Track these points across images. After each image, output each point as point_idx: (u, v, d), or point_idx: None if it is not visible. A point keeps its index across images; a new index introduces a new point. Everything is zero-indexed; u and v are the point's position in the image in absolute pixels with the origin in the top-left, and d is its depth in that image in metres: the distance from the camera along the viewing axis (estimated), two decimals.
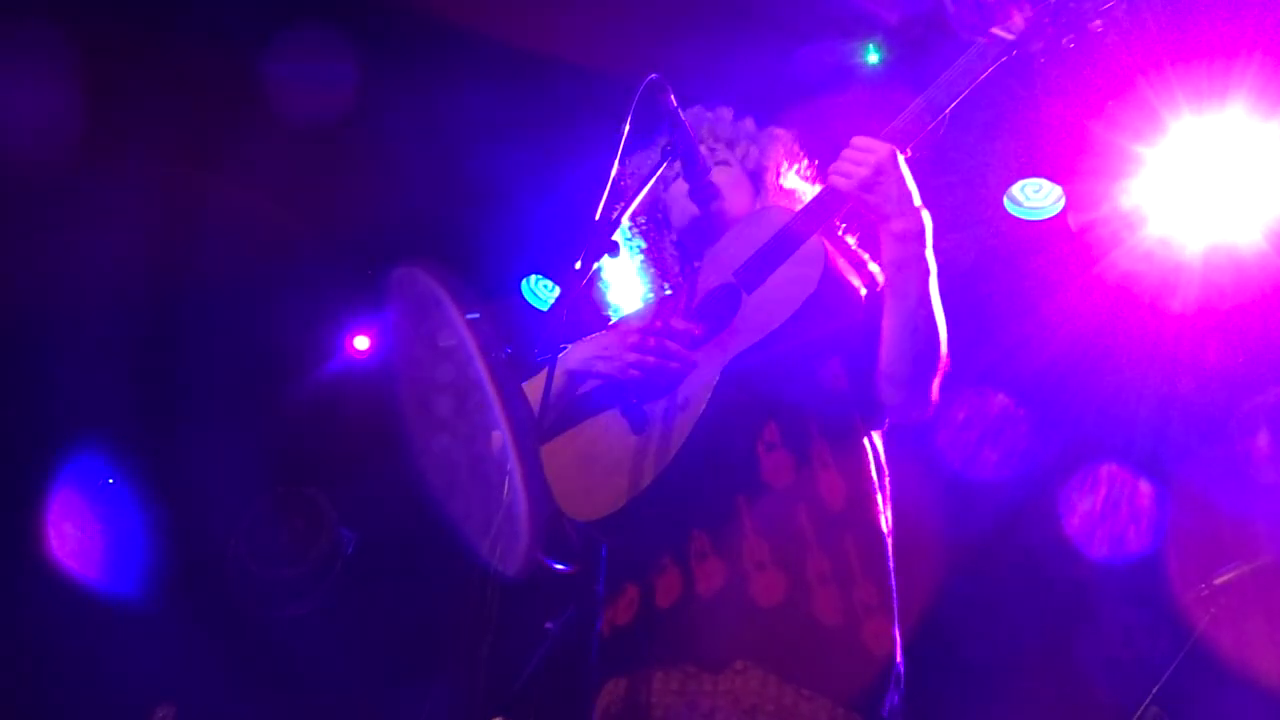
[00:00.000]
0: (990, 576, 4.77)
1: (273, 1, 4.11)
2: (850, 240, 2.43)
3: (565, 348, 2.26)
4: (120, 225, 4.64)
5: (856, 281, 2.29)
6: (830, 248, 2.26)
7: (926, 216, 2.16)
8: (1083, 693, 4.47)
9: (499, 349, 2.35)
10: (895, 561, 2.22)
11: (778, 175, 2.54)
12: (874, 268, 2.37)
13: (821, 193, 2.25)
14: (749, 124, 2.56)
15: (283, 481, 5.61)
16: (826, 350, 2.23)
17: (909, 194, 2.15)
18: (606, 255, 2.11)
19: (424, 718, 4.71)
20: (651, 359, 2.20)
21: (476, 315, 5.35)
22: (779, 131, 2.57)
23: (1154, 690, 3.43)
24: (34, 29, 3.97)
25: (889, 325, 2.16)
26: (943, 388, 2.25)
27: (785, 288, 2.18)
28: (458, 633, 4.85)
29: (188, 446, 5.26)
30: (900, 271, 2.15)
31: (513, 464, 2.10)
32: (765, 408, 2.18)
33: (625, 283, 2.58)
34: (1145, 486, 4.73)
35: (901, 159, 2.17)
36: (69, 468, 5.24)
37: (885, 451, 2.34)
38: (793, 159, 2.57)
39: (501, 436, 2.19)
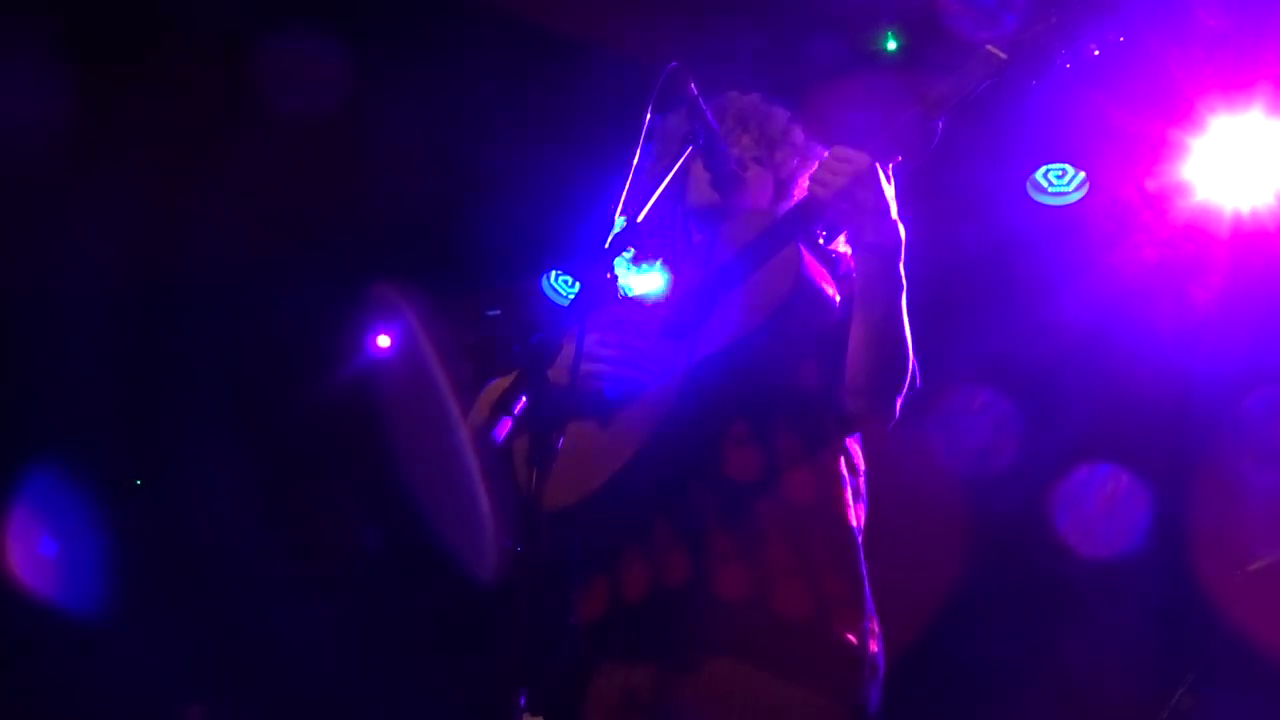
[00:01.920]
0: (1002, 570, 4.75)
1: None
2: (841, 247, 2.43)
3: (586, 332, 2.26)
4: (121, 224, 4.65)
5: (832, 291, 2.29)
6: (807, 256, 2.26)
7: (901, 231, 2.16)
8: (1077, 692, 4.45)
9: (525, 339, 2.35)
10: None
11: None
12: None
13: (803, 200, 2.25)
14: (798, 134, 2.54)
15: (305, 481, 5.62)
16: (799, 354, 2.23)
17: (885, 207, 2.14)
18: (629, 247, 2.11)
19: (451, 715, 4.72)
20: (609, 369, 2.21)
21: (497, 312, 5.38)
22: (820, 149, 2.54)
23: (1187, 679, 3.40)
24: (26, 28, 3.97)
25: (855, 336, 2.17)
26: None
27: (758, 293, 2.19)
28: (485, 631, 4.87)
29: (205, 449, 5.27)
30: (869, 284, 2.15)
31: (479, 483, 2.12)
32: (733, 406, 2.19)
33: (642, 272, 2.57)
34: (1141, 484, 4.71)
35: (882, 173, 2.15)
36: (39, 480, 5.26)
37: (870, 450, 2.35)
38: None
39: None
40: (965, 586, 4.61)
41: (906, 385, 2.21)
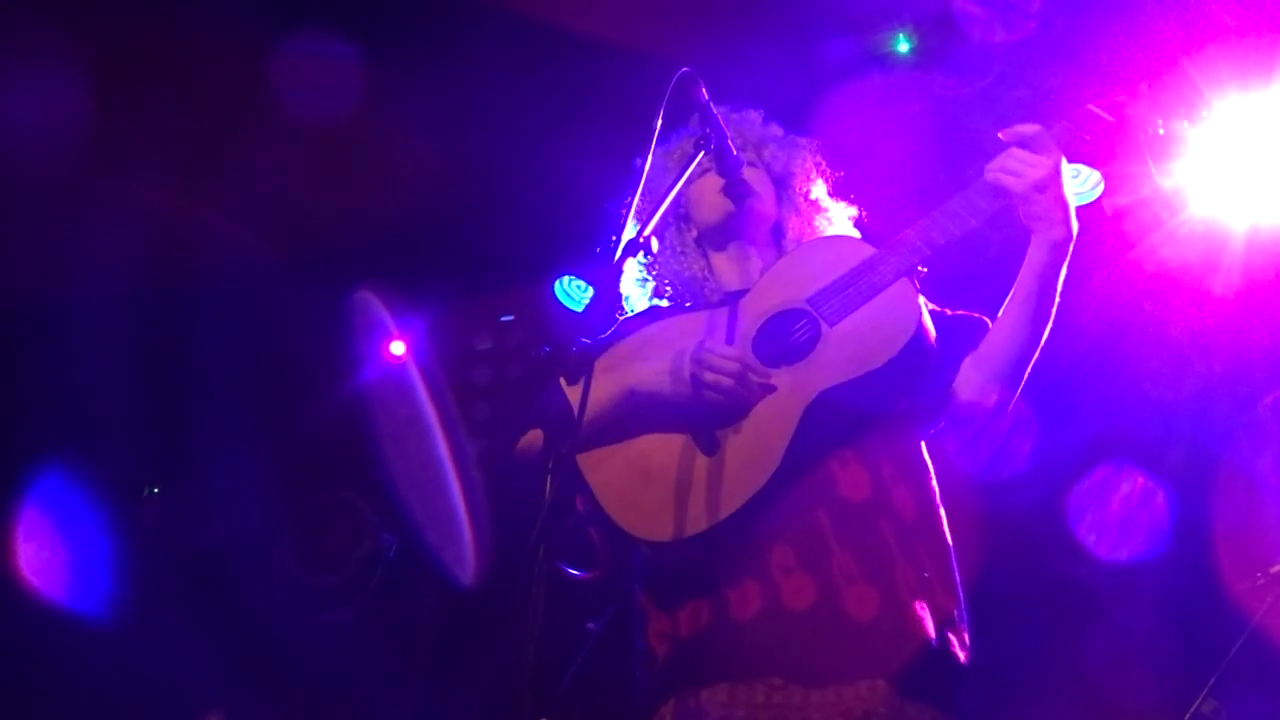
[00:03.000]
0: (1019, 573, 4.72)
1: (281, 2, 4.10)
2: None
3: (603, 341, 2.24)
4: (137, 227, 4.65)
5: (932, 328, 2.31)
6: (922, 297, 2.28)
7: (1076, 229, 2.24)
8: (1097, 696, 4.42)
9: (536, 348, 2.34)
10: None
11: (805, 183, 2.54)
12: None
13: (973, 190, 2.25)
14: (775, 129, 2.57)
15: (324, 487, 5.63)
16: (904, 381, 2.24)
17: (1069, 204, 2.23)
18: (641, 252, 2.10)
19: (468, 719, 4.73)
20: (732, 384, 2.16)
21: (511, 318, 5.38)
22: (802, 141, 2.58)
23: (1211, 682, 3.38)
24: (42, 32, 3.99)
25: (1015, 332, 2.24)
26: None
27: (882, 328, 2.18)
28: (501, 636, 4.87)
29: (223, 453, 5.28)
30: (1045, 275, 2.23)
31: (456, 487, 2.12)
32: (846, 436, 2.20)
33: (643, 280, 2.57)
34: (1159, 486, 4.68)
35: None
36: (46, 483, 5.27)
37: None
38: (818, 171, 2.58)
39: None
40: (982, 589, 4.57)
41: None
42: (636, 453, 2.21)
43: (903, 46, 4.19)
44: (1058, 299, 2.24)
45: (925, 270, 2.37)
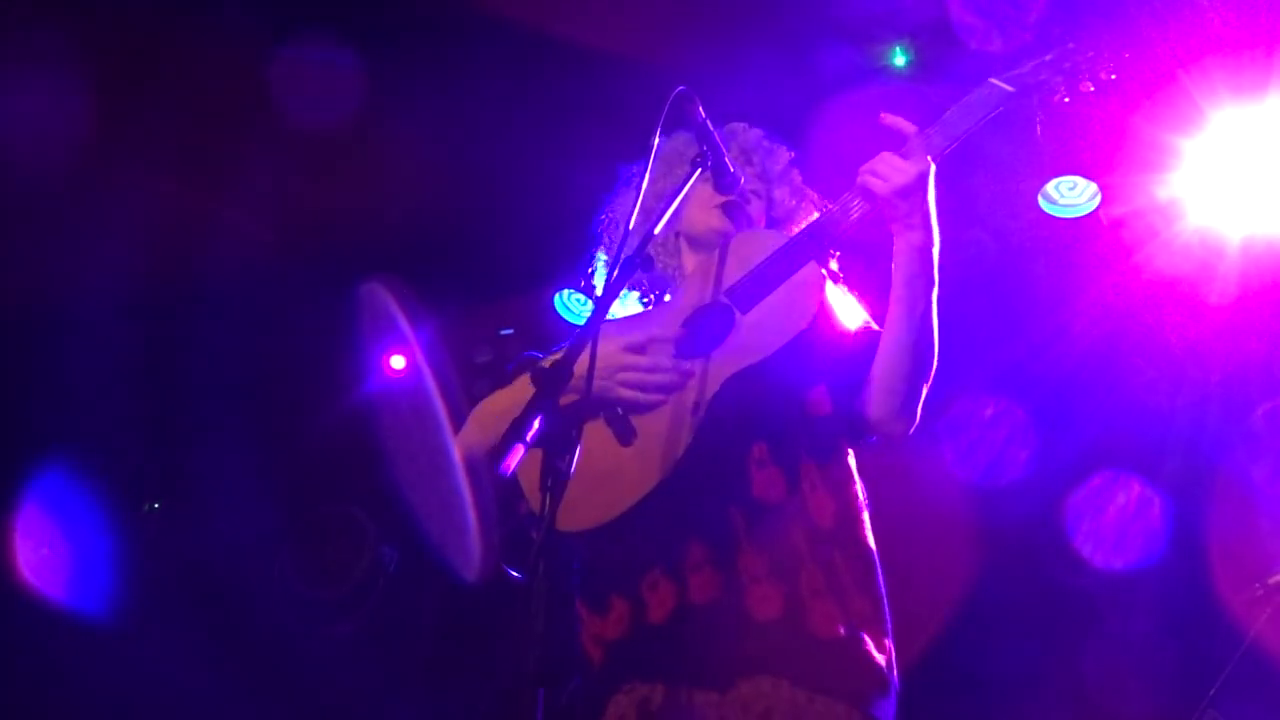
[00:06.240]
0: (1016, 581, 4.72)
1: (280, 5, 4.11)
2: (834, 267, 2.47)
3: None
4: (133, 231, 4.66)
5: (848, 314, 2.35)
6: (828, 278, 2.31)
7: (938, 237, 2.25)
8: (1094, 706, 4.43)
9: (534, 361, 2.37)
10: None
11: (792, 193, 2.58)
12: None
13: (847, 195, 2.28)
14: (797, 175, 2.61)
15: (324, 500, 5.63)
16: (814, 376, 2.28)
17: (929, 211, 2.23)
18: (639, 268, 2.12)
19: None
20: (631, 383, 2.23)
21: (510, 331, 5.38)
22: (812, 194, 2.62)
23: (1210, 694, 3.38)
24: (41, 35, 4.00)
25: (891, 337, 2.23)
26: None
27: (781, 313, 2.23)
28: (503, 650, 4.86)
29: (223, 465, 5.28)
30: (911, 282, 2.22)
31: (462, 480, 2.13)
32: (755, 427, 2.22)
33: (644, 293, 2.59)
34: (1155, 494, 4.68)
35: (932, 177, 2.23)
36: (43, 483, 5.27)
37: (875, 462, 2.38)
38: (798, 183, 2.62)
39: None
40: (978, 598, 4.60)
41: (928, 384, 2.26)
42: None
43: (899, 60, 4.20)
44: (934, 307, 2.23)
45: (838, 253, 2.43)
